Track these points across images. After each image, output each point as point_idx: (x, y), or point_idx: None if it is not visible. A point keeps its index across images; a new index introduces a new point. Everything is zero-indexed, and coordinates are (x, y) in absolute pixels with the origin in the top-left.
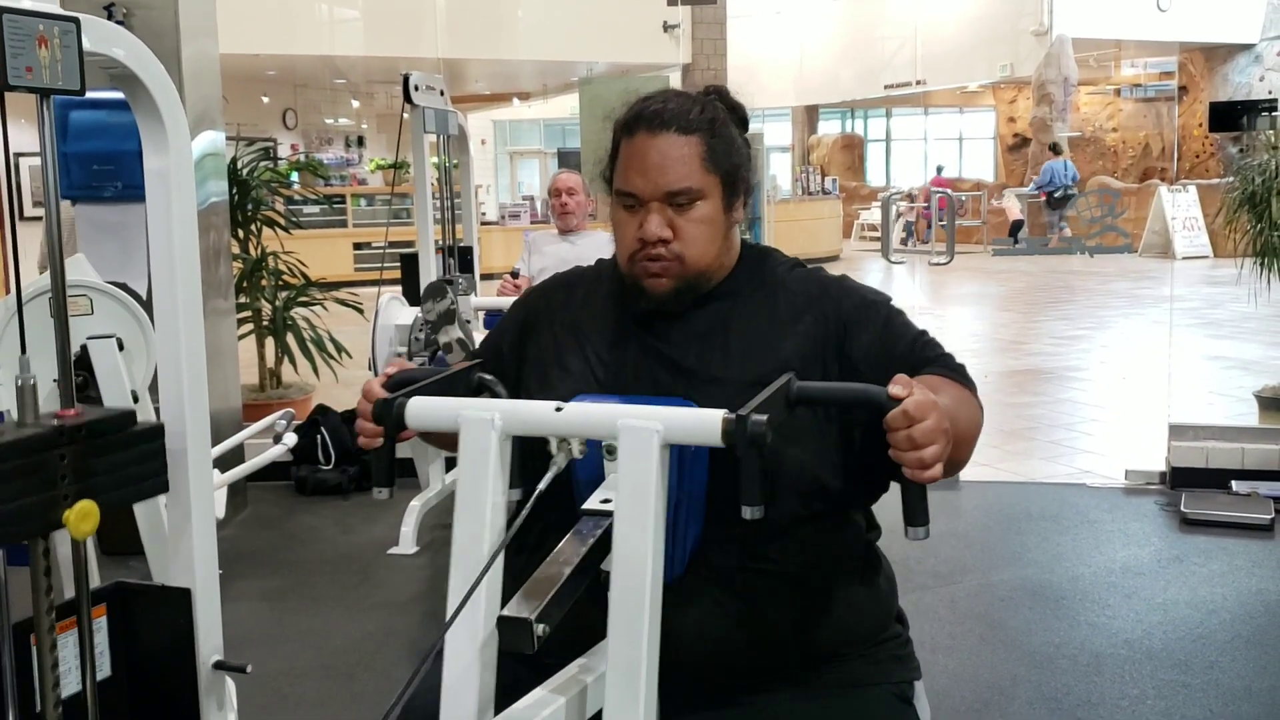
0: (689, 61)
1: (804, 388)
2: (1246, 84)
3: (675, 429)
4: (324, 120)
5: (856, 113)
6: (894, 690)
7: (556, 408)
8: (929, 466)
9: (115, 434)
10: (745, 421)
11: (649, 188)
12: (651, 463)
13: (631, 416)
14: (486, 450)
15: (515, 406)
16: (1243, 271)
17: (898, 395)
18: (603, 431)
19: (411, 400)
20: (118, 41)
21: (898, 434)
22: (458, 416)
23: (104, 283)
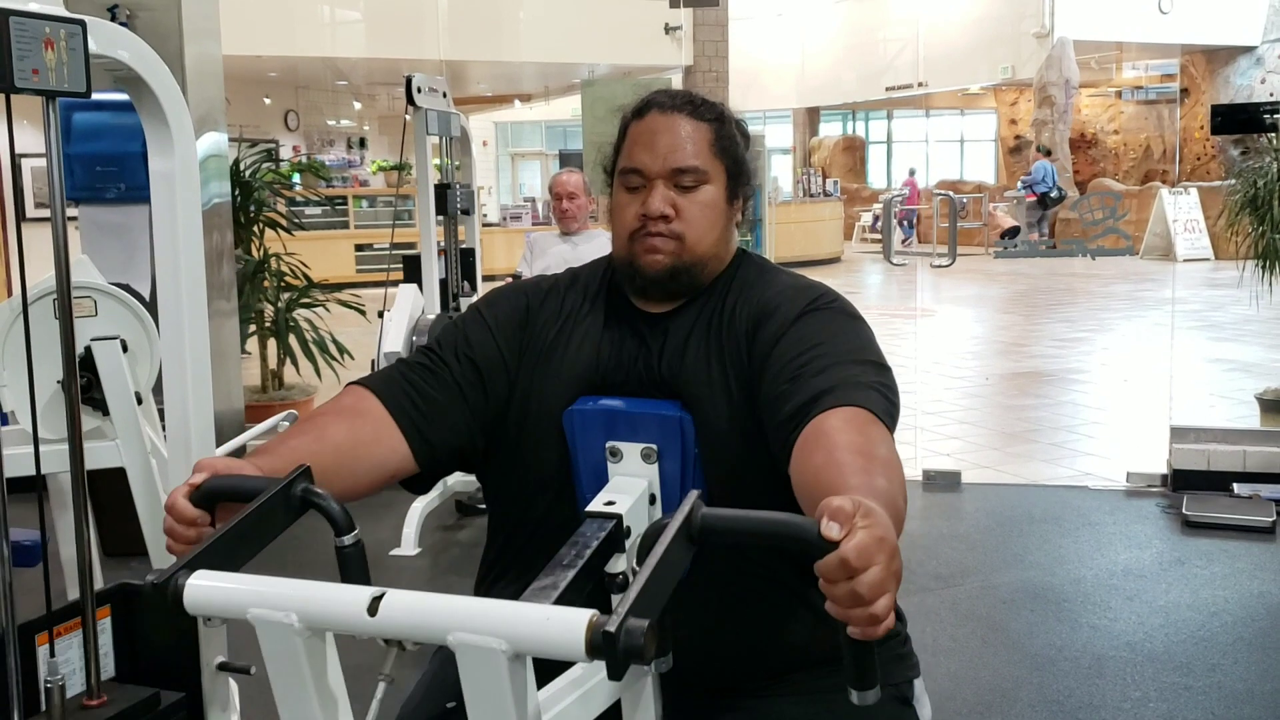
0: (690, 63)
1: (710, 518)
2: (1248, 86)
3: (525, 640)
4: (326, 122)
5: (858, 115)
6: (893, 691)
7: (371, 603)
8: (881, 621)
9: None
10: (616, 637)
11: (656, 163)
12: (500, 684)
13: (467, 629)
14: (293, 656)
15: (316, 597)
16: (1244, 274)
17: (830, 537)
18: (431, 638)
19: (193, 579)
20: (123, 44)
21: (837, 589)
22: (247, 613)
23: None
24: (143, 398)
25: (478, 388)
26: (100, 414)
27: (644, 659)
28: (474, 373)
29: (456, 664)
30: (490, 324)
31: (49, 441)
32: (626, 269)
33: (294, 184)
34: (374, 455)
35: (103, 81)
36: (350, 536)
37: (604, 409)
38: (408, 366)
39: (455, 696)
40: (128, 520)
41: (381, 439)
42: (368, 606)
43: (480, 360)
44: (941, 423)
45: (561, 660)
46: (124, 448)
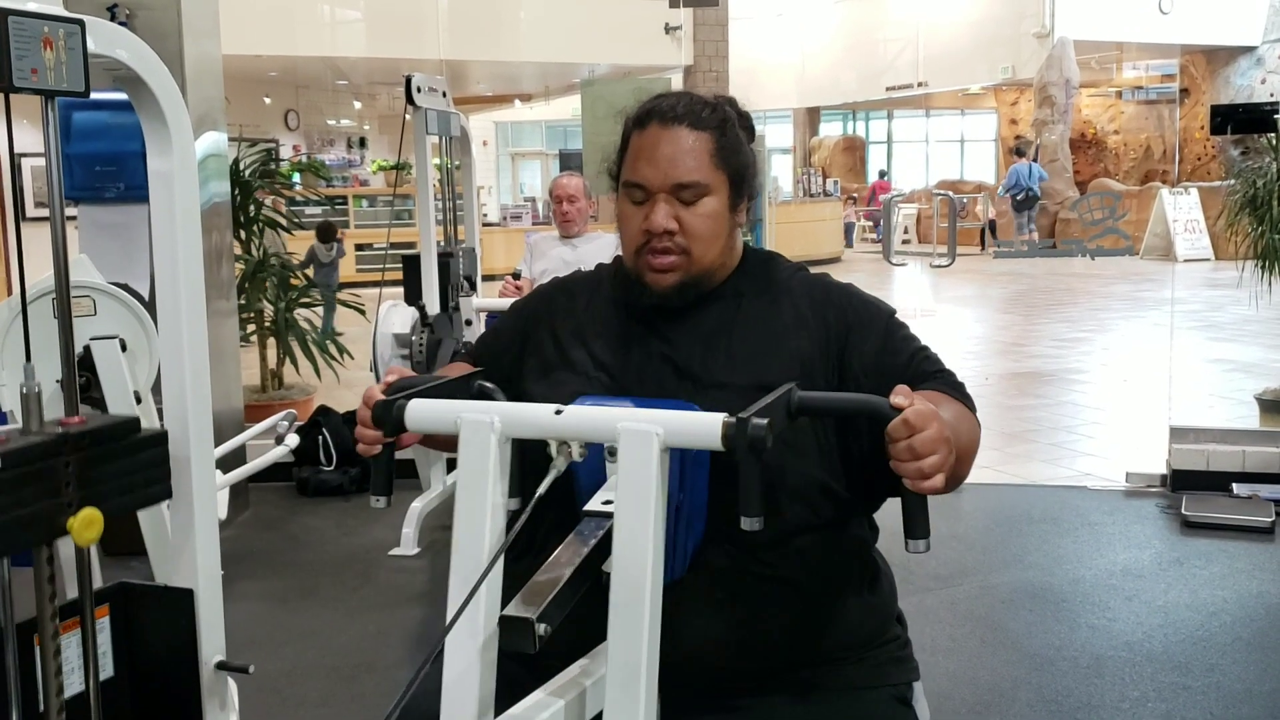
0: (691, 63)
1: (805, 397)
2: (1248, 87)
3: (675, 432)
4: (326, 121)
5: (858, 115)
6: (893, 692)
7: (556, 410)
8: (929, 476)
9: (119, 441)
10: (746, 425)
11: (658, 178)
12: (651, 466)
13: (631, 420)
14: (486, 452)
15: (515, 409)
16: (1244, 274)
17: (899, 405)
18: (603, 434)
19: (411, 403)
20: (122, 43)
21: (898, 444)
22: (457, 418)
23: (107, 284)
24: (141, 397)
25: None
26: (99, 413)
27: (764, 447)
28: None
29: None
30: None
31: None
32: (636, 283)
33: (294, 183)
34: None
35: (102, 81)
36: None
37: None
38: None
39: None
40: (127, 519)
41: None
42: (554, 411)
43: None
44: None
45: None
46: None
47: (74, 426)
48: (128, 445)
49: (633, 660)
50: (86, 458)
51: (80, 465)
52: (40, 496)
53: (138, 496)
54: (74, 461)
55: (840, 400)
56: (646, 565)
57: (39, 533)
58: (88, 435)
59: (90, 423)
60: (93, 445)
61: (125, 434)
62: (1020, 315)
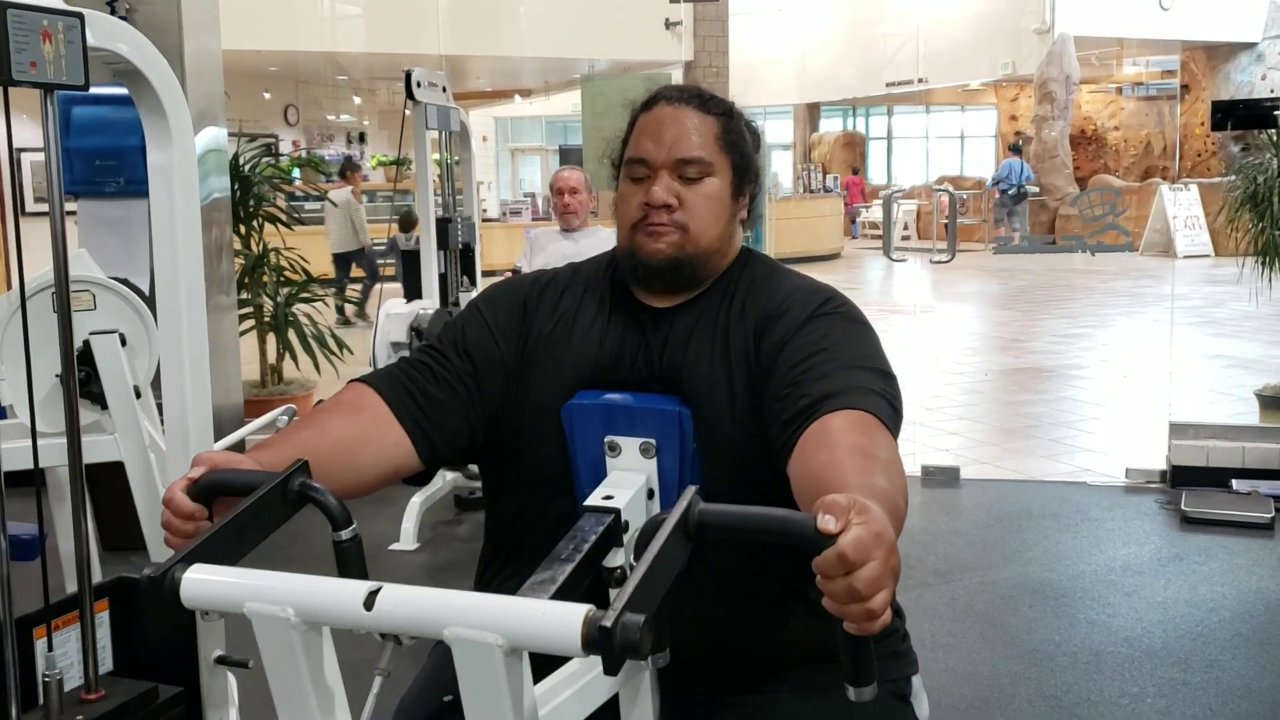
0: (691, 59)
1: (707, 514)
2: (1249, 83)
3: (521, 635)
4: (326, 116)
5: (858, 110)
6: (891, 687)
7: (367, 598)
8: (878, 617)
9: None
10: (612, 632)
11: (661, 153)
12: (496, 679)
13: (463, 622)
14: (290, 650)
15: (313, 591)
16: (1244, 270)
17: (827, 531)
18: (428, 633)
19: (189, 573)
20: (122, 37)
21: (834, 584)
22: (243, 607)
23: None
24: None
25: (476, 383)
26: (99, 408)
27: (640, 654)
28: (472, 368)
29: None
30: (489, 320)
31: (47, 435)
32: (628, 259)
33: (294, 179)
34: (376, 450)
35: (102, 75)
36: (347, 531)
37: (603, 403)
38: (409, 364)
39: (453, 690)
40: (126, 514)
41: (383, 434)
42: (364, 601)
43: (477, 356)
44: (941, 418)
45: (557, 655)
46: (122, 442)
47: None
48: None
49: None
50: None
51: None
52: None
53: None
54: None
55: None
56: None
57: None
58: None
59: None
60: None
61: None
62: (1020, 311)
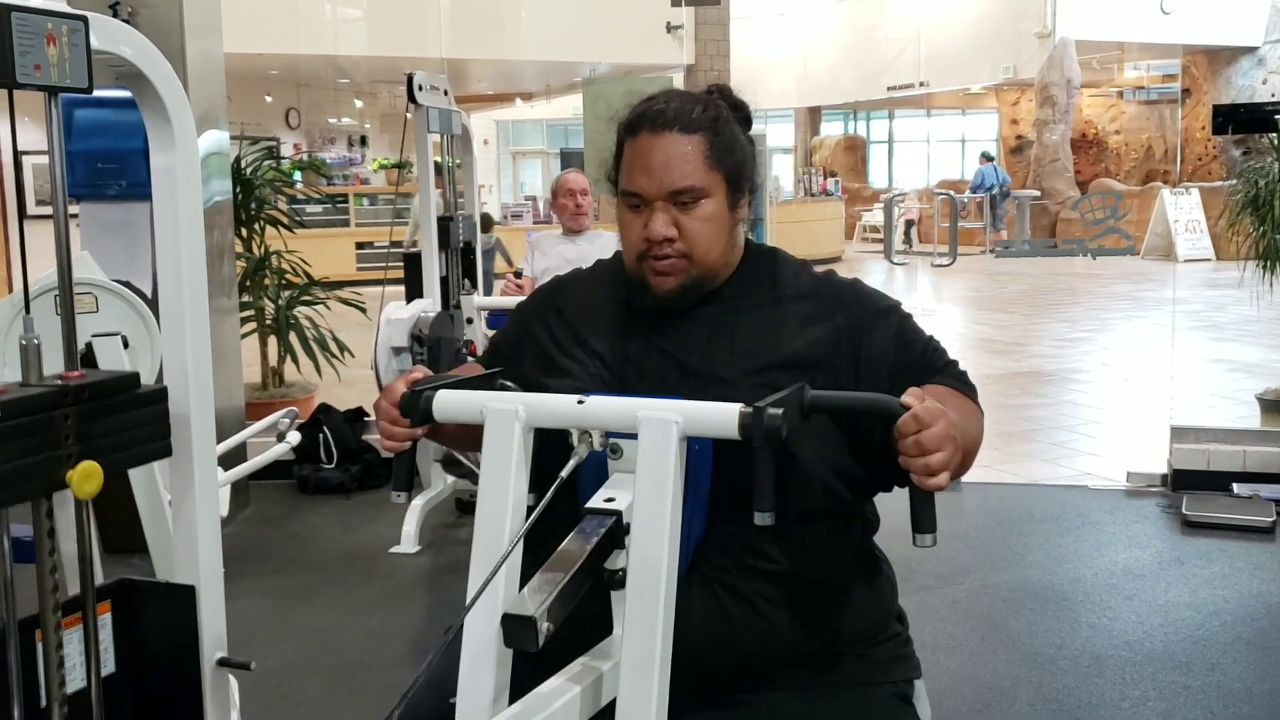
0: (692, 62)
1: (818, 396)
2: (1250, 87)
3: (693, 421)
4: (327, 119)
5: (859, 114)
6: (894, 689)
7: (579, 400)
8: (936, 473)
9: (119, 396)
10: (762, 415)
11: (653, 187)
12: (670, 453)
13: (651, 409)
14: (510, 441)
15: (539, 399)
16: (1245, 274)
17: (907, 403)
18: (624, 423)
19: (440, 393)
20: (125, 39)
21: (906, 439)
22: (483, 408)
23: (109, 280)
24: None
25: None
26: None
27: (779, 437)
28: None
29: None
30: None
31: None
32: (639, 286)
33: (295, 181)
34: None
35: (104, 78)
36: None
37: None
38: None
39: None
40: (128, 516)
41: None
42: (577, 401)
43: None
44: None
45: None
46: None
47: (74, 380)
48: (127, 400)
49: (647, 649)
50: (86, 411)
51: (80, 418)
52: (39, 448)
53: (137, 452)
54: (73, 414)
55: (851, 399)
56: (663, 553)
57: (37, 485)
58: (87, 389)
59: (90, 377)
60: (92, 399)
61: (125, 389)
62: (1021, 315)
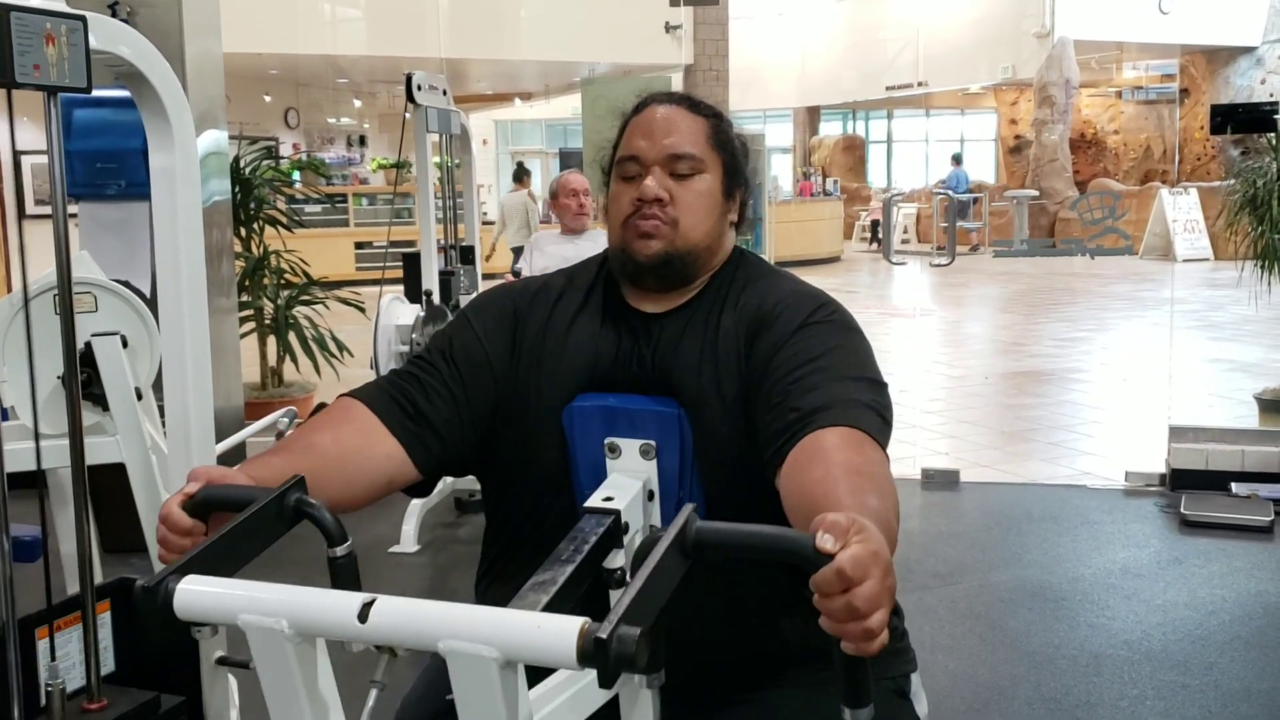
0: (691, 62)
1: (704, 532)
2: (1248, 87)
3: (516, 649)
4: (326, 119)
5: (858, 114)
6: (891, 685)
7: (361, 609)
8: (875, 636)
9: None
10: (609, 644)
11: (653, 149)
12: (491, 693)
13: (458, 636)
14: (284, 661)
15: (307, 603)
16: (1243, 274)
17: (825, 550)
18: (422, 645)
19: (183, 584)
20: (124, 40)
21: (832, 602)
22: (238, 618)
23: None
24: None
25: (464, 389)
26: (100, 410)
27: (636, 667)
28: (458, 375)
29: None
30: (477, 329)
31: (49, 437)
32: (619, 256)
33: (294, 181)
34: (368, 461)
35: (103, 78)
36: (343, 547)
37: (603, 406)
38: (396, 375)
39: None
40: (127, 516)
41: (374, 444)
42: (358, 613)
43: (464, 363)
44: (940, 421)
45: (549, 666)
46: (124, 443)
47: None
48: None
49: None
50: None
51: None
52: None
53: None
54: None
55: (747, 535)
56: None
57: None
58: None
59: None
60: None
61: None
62: (1020, 314)
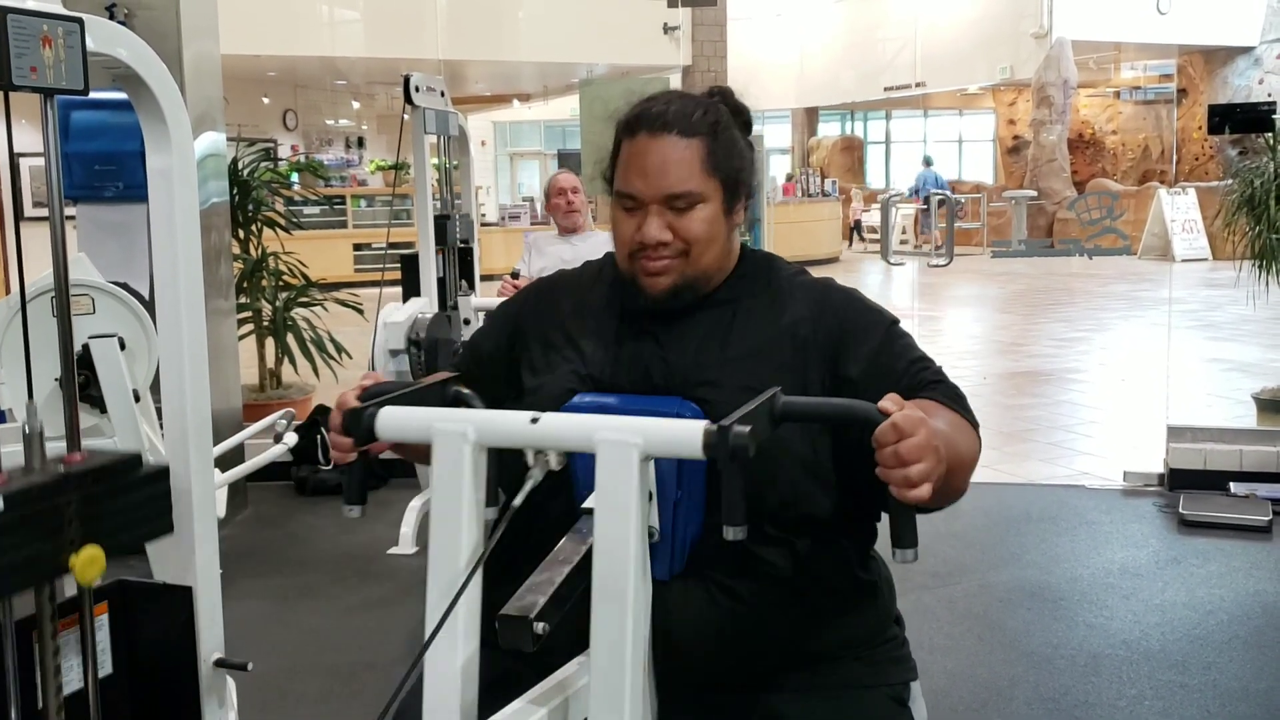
0: (689, 63)
1: (790, 403)
2: (1246, 87)
3: (654, 441)
4: (324, 121)
5: (856, 115)
6: (890, 692)
7: (532, 419)
8: (916, 485)
9: (121, 478)
10: (727, 433)
11: (649, 190)
12: (630, 477)
13: (609, 429)
14: (460, 463)
15: (489, 417)
16: (1241, 274)
17: (886, 410)
18: (580, 444)
19: (383, 411)
20: (121, 41)
21: (884, 449)
22: (430, 428)
23: (106, 282)
24: (140, 395)
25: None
26: (98, 411)
27: (748, 454)
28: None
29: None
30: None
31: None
32: (630, 285)
33: (292, 183)
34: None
35: (101, 80)
36: None
37: (601, 405)
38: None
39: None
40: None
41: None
42: (529, 420)
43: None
44: None
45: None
46: (121, 445)
47: (76, 465)
48: (130, 482)
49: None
50: (88, 496)
51: (82, 504)
52: (42, 536)
53: (139, 533)
54: (76, 500)
55: (826, 406)
56: (627, 575)
57: (41, 571)
58: (90, 474)
59: (92, 460)
60: (94, 483)
61: (127, 471)
62: (1018, 315)
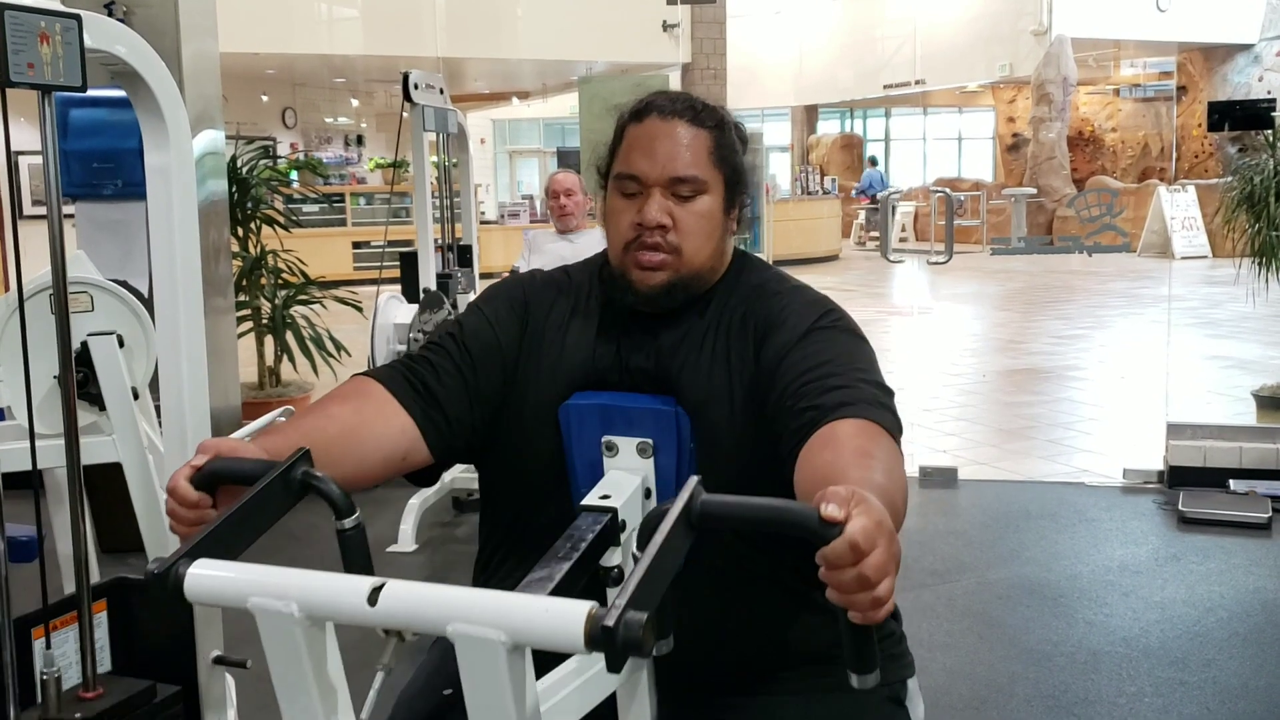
0: (688, 61)
1: (709, 505)
2: (1245, 84)
3: (524, 632)
4: (323, 119)
5: (856, 112)
6: (886, 691)
7: (371, 594)
8: (884, 604)
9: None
10: (616, 630)
11: (655, 171)
12: (500, 675)
13: (466, 618)
14: (294, 645)
15: (316, 586)
16: (1241, 271)
17: (832, 518)
18: (429, 630)
19: (193, 568)
20: (119, 38)
21: (843, 574)
22: (248, 602)
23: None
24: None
25: (474, 373)
26: (97, 409)
27: (642, 652)
28: (469, 359)
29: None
30: (488, 315)
31: (45, 437)
32: (620, 280)
33: (291, 181)
34: (381, 435)
35: (99, 78)
36: (351, 520)
37: (600, 404)
38: (409, 358)
39: (453, 684)
40: (124, 515)
41: (389, 419)
42: (368, 596)
43: (475, 348)
44: (939, 419)
45: (560, 652)
46: (120, 443)
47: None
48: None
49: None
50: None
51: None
52: None
53: None
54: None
55: (753, 508)
56: None
57: None
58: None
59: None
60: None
61: (144, 703)
62: (1018, 312)
